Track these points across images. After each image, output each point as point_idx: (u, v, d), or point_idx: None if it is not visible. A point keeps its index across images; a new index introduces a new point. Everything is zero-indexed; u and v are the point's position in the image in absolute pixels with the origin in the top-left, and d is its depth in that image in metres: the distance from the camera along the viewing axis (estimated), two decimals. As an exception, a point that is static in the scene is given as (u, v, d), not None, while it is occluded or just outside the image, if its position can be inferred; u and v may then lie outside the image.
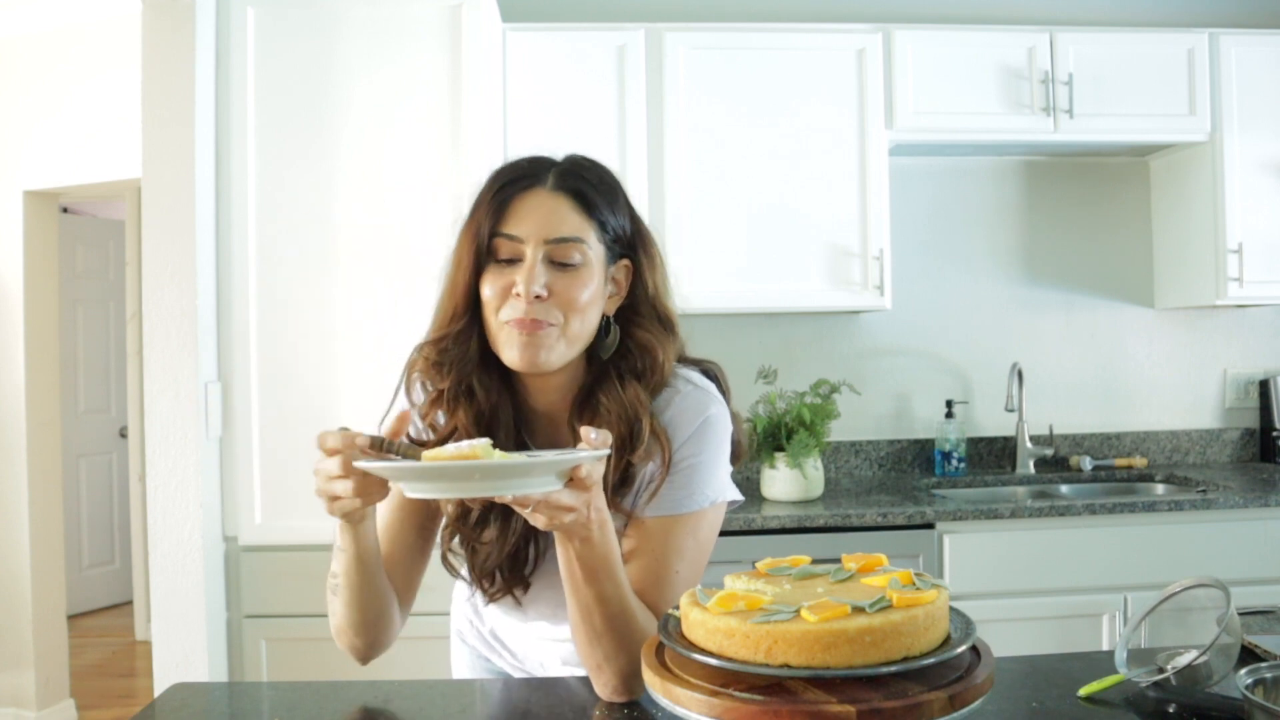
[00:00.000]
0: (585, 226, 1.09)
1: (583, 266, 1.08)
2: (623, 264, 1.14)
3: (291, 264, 2.39)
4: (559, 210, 1.08)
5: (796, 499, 2.66)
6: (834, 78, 2.78)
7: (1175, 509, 2.55)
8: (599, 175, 1.13)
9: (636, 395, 1.10)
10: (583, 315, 1.08)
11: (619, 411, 1.10)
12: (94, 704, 3.69)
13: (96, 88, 3.07)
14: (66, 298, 4.31)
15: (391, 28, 2.40)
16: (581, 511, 0.94)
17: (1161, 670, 1.02)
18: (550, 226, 1.07)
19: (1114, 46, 2.84)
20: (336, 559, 1.09)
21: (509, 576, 1.16)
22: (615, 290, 1.14)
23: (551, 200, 1.08)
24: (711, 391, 1.16)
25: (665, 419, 1.12)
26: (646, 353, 1.12)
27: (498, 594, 1.17)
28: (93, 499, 5.00)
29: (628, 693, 1.07)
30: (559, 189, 1.09)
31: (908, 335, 3.15)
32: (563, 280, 1.07)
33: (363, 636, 1.14)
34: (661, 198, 2.73)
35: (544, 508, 0.92)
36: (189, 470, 2.31)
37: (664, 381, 1.13)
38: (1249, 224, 2.86)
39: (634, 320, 1.14)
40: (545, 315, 1.06)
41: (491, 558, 1.14)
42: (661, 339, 1.14)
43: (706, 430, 1.13)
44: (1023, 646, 1.48)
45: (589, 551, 0.99)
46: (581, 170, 1.12)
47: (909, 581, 0.88)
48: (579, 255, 1.07)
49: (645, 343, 1.13)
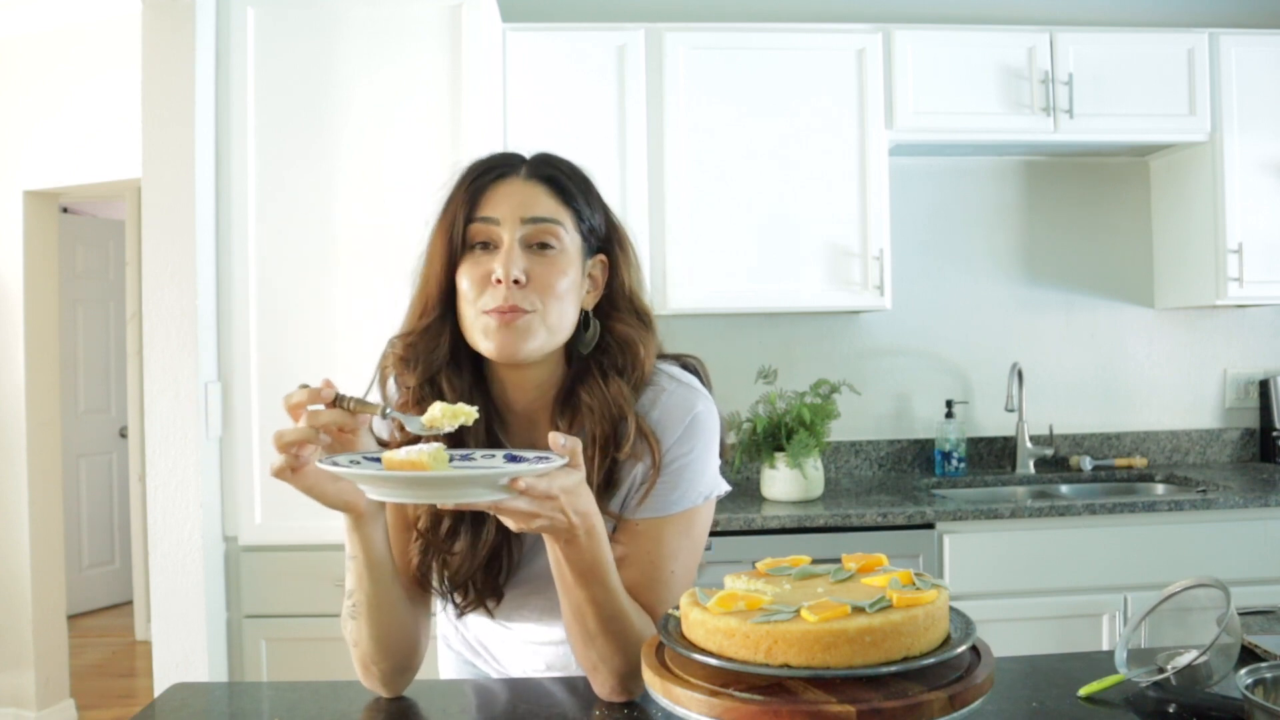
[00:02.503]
0: (562, 211, 1.09)
1: (560, 253, 1.07)
2: (599, 259, 1.14)
3: (291, 264, 2.39)
4: (535, 194, 1.08)
5: (796, 499, 2.66)
6: (834, 78, 2.78)
7: (1175, 509, 2.55)
8: (571, 168, 1.13)
9: (620, 391, 1.09)
10: (561, 303, 1.06)
11: (601, 409, 1.08)
12: (94, 704, 3.69)
13: (96, 88, 3.07)
14: (66, 298, 4.31)
15: (391, 28, 2.40)
16: (554, 516, 0.92)
17: (1161, 670, 1.02)
18: (527, 207, 1.06)
19: (1114, 46, 2.84)
20: (349, 573, 1.07)
21: (481, 587, 1.13)
22: (592, 286, 1.13)
23: (527, 186, 1.08)
24: (697, 387, 1.15)
25: (653, 418, 1.11)
26: (627, 347, 1.11)
27: (469, 606, 1.14)
28: (93, 499, 5.00)
29: (625, 693, 1.07)
30: (533, 176, 1.09)
31: (908, 335, 3.15)
32: (541, 265, 1.05)
33: (390, 658, 1.10)
34: (661, 198, 2.73)
35: (507, 513, 0.91)
36: (189, 470, 2.31)
37: (645, 378, 1.12)
38: (1249, 224, 2.86)
39: (612, 315, 1.13)
40: (524, 302, 1.04)
41: (463, 569, 1.12)
42: (641, 334, 1.13)
43: (695, 427, 1.12)
44: (1023, 646, 1.48)
45: (575, 554, 0.98)
46: (554, 161, 1.12)
47: (909, 581, 0.87)
48: (556, 240, 1.07)
49: (625, 337, 1.12)
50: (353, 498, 1.00)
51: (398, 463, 0.88)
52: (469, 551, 1.11)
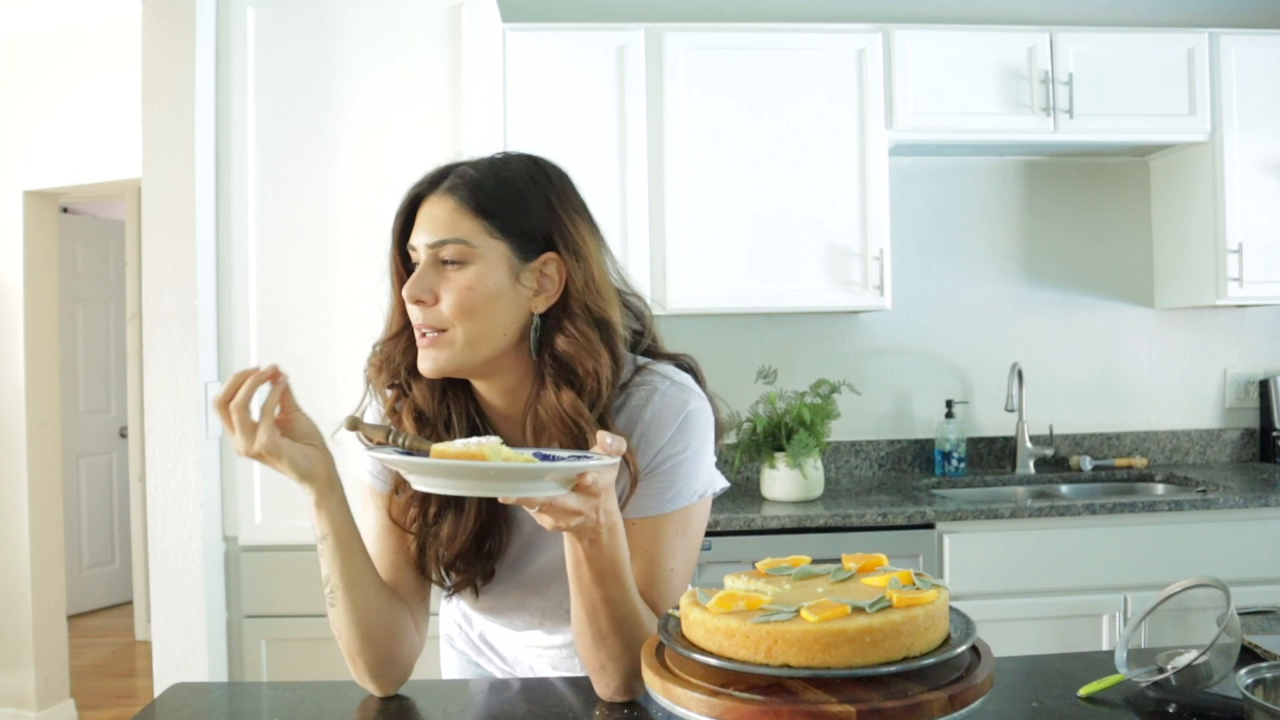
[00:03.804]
0: (470, 223, 1.07)
1: (469, 265, 1.06)
2: (547, 258, 1.10)
3: (291, 264, 2.39)
4: (443, 212, 1.08)
5: (796, 499, 2.66)
6: (834, 78, 2.78)
7: (1175, 509, 2.55)
8: (495, 172, 1.11)
9: (573, 404, 1.07)
10: (474, 317, 1.06)
11: (557, 421, 1.08)
12: (94, 704, 3.69)
13: (96, 88, 3.07)
14: (66, 298, 4.31)
15: (391, 28, 2.40)
16: (589, 515, 0.93)
17: (1161, 670, 1.02)
18: (434, 231, 1.08)
19: (1114, 46, 2.84)
20: (322, 558, 1.09)
21: (470, 567, 1.15)
22: (541, 287, 1.10)
23: (438, 205, 1.09)
24: (690, 385, 1.15)
25: (646, 418, 1.11)
26: (572, 360, 1.08)
27: (460, 584, 1.17)
28: (93, 499, 5.00)
29: (629, 692, 1.07)
30: (446, 192, 1.09)
31: (908, 335, 3.15)
32: (445, 283, 1.07)
33: (372, 646, 1.10)
34: (661, 198, 2.73)
35: (550, 510, 0.92)
36: (189, 470, 2.31)
37: (605, 386, 1.09)
38: (1249, 224, 2.86)
39: (560, 324, 1.10)
40: (433, 321, 1.07)
41: (451, 547, 1.14)
42: (590, 342, 1.09)
43: (688, 426, 1.12)
44: (1023, 646, 1.48)
45: (597, 553, 0.99)
46: (478, 171, 1.11)
47: (909, 581, 0.87)
48: (465, 255, 1.06)
49: (565, 350, 1.09)
50: (315, 467, 1.05)
51: (455, 453, 0.89)
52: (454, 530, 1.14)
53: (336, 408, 1.10)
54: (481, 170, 1.11)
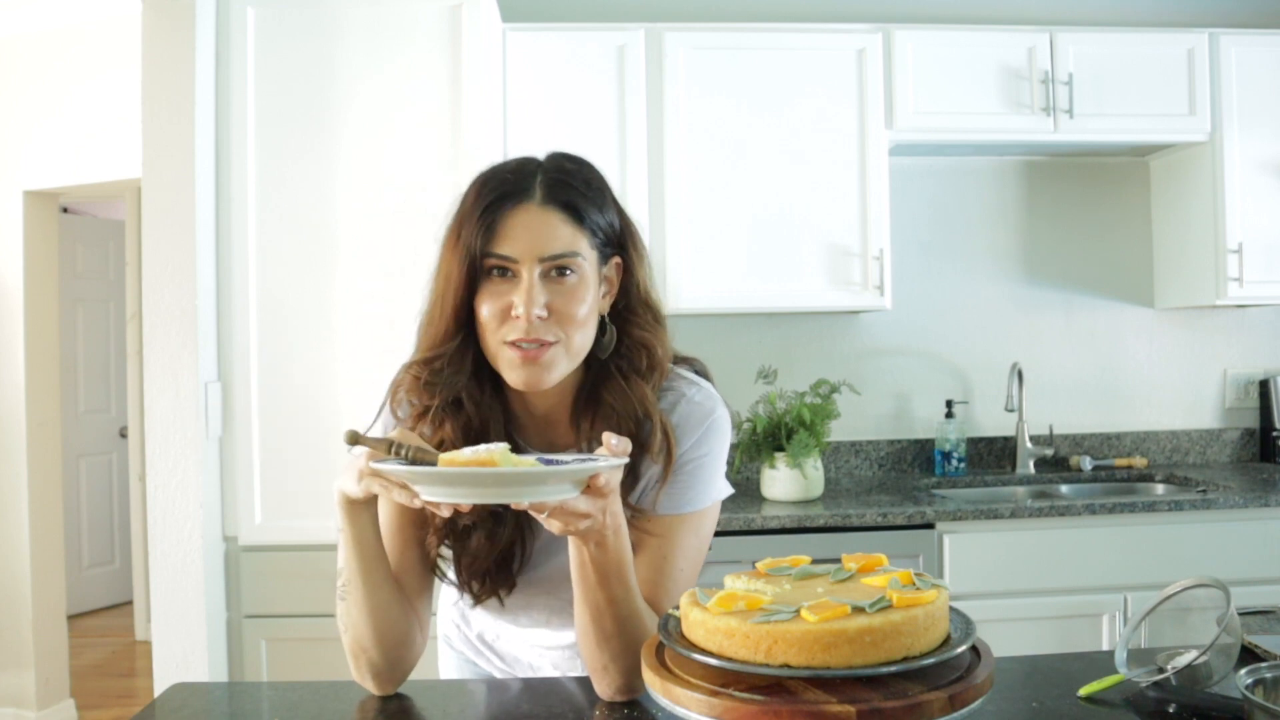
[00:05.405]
0: (578, 238, 1.06)
1: (579, 279, 1.06)
2: (614, 262, 1.13)
3: (291, 264, 2.38)
4: (550, 225, 1.05)
5: (796, 499, 2.66)
6: (834, 77, 2.78)
7: (1175, 509, 2.55)
8: (585, 178, 1.10)
9: (643, 392, 1.11)
10: (584, 328, 1.07)
11: (627, 410, 1.10)
12: (94, 704, 3.69)
13: (96, 88, 3.07)
14: (66, 298, 4.31)
15: (391, 28, 2.40)
16: (597, 517, 0.94)
17: (1161, 670, 1.02)
18: (543, 244, 1.04)
19: (1114, 46, 2.84)
20: (340, 552, 1.08)
21: (495, 578, 1.15)
22: (608, 290, 1.13)
23: (542, 216, 1.05)
24: (714, 393, 1.18)
25: (674, 420, 1.13)
26: (645, 349, 1.12)
27: (484, 595, 1.17)
28: (93, 499, 5.00)
29: (630, 692, 1.07)
30: (548, 202, 1.05)
31: (908, 335, 3.15)
32: (561, 297, 1.04)
33: (381, 644, 1.09)
34: (661, 198, 2.73)
35: (560, 514, 0.92)
36: (189, 470, 2.31)
37: (665, 375, 1.14)
38: (1249, 224, 2.86)
39: (629, 318, 1.14)
40: (547, 334, 1.04)
41: (479, 561, 1.14)
42: (657, 333, 1.14)
43: (711, 432, 1.15)
44: (1023, 646, 1.48)
45: (603, 555, 0.99)
46: (568, 177, 1.08)
47: (909, 581, 0.88)
48: (574, 268, 1.05)
49: (643, 340, 1.13)
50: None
51: (463, 462, 0.88)
52: (487, 544, 1.13)
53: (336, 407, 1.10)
54: (570, 176, 1.09)
